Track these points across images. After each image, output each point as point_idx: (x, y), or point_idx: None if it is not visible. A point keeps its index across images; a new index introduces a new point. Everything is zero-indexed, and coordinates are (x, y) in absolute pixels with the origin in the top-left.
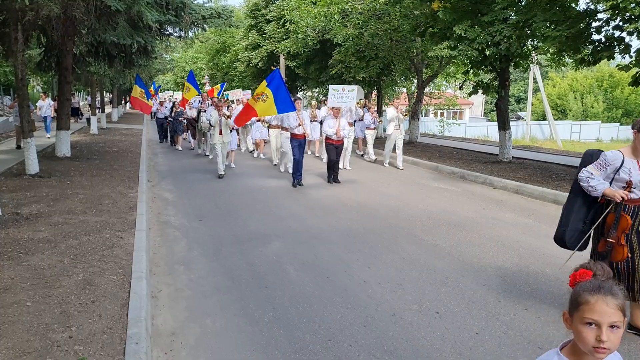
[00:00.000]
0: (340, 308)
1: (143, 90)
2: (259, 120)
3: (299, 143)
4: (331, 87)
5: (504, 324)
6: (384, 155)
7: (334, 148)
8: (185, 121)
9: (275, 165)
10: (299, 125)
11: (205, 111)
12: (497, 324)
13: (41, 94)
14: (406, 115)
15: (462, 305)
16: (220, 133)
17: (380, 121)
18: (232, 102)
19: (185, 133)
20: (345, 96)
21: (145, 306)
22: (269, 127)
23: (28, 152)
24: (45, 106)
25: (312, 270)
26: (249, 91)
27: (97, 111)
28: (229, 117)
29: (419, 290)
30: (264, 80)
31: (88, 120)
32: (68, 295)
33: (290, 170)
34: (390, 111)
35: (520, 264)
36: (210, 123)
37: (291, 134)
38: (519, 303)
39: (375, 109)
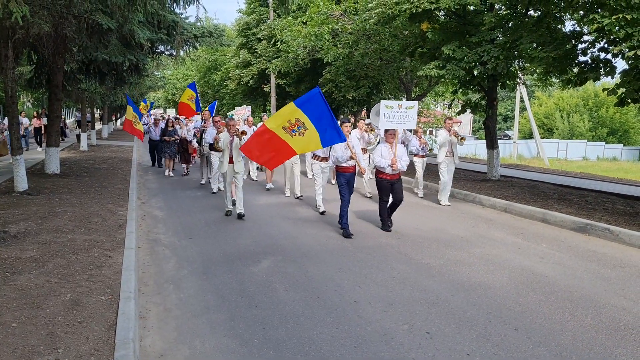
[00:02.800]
0: (331, 328)
1: (136, 115)
2: None
3: (348, 179)
4: (383, 103)
5: (494, 345)
6: (439, 191)
7: (388, 185)
8: (177, 142)
9: (287, 196)
10: (351, 158)
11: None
12: (488, 344)
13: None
14: (462, 140)
15: (453, 325)
16: (231, 161)
17: (431, 149)
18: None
19: (176, 157)
20: (402, 115)
21: (133, 327)
22: None
23: (17, 169)
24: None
25: (302, 290)
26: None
27: (87, 128)
28: (243, 134)
29: (409, 310)
30: (292, 104)
31: (78, 137)
32: (55, 316)
33: (298, 193)
34: (441, 134)
35: (510, 283)
36: (209, 146)
37: (336, 167)
38: (510, 323)
39: (421, 133)
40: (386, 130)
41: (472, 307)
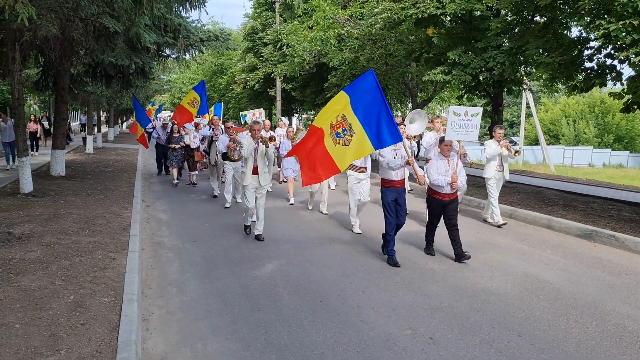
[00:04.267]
0: (334, 333)
1: (137, 123)
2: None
3: (397, 196)
4: (452, 109)
5: (498, 351)
6: (489, 209)
7: (440, 205)
8: (183, 149)
9: (310, 209)
10: (407, 163)
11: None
12: (492, 350)
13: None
14: (517, 153)
15: (456, 331)
16: (255, 172)
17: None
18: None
19: (183, 165)
20: (466, 124)
21: (135, 329)
22: None
23: (22, 171)
24: (8, 129)
25: (305, 294)
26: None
27: (93, 130)
28: (271, 140)
29: (412, 315)
30: (343, 92)
31: (84, 139)
32: (58, 318)
33: (324, 209)
34: (489, 146)
35: (514, 289)
36: (222, 155)
37: (382, 180)
38: (513, 329)
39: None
40: (440, 141)
41: (475, 312)
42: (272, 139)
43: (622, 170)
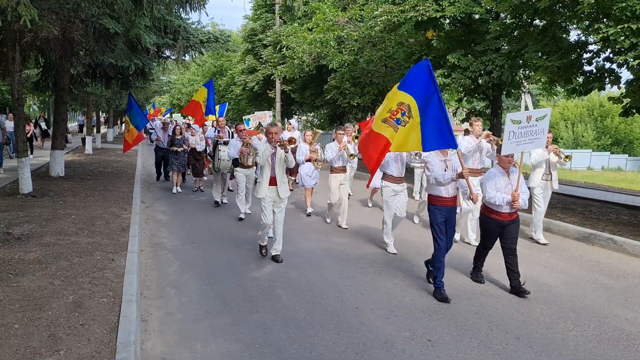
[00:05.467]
0: (332, 334)
1: (132, 126)
2: (309, 160)
3: (447, 216)
4: (509, 117)
5: (496, 354)
6: (534, 224)
7: (498, 227)
8: (186, 153)
9: (328, 222)
10: (460, 177)
11: (224, 143)
12: (490, 353)
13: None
14: (567, 159)
15: (454, 333)
16: (273, 182)
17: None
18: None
19: (186, 169)
20: (531, 130)
21: (134, 330)
22: (332, 170)
23: (22, 172)
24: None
25: (304, 295)
26: (270, 112)
27: (92, 131)
28: (290, 142)
29: (411, 318)
30: (395, 88)
31: (83, 140)
32: (57, 318)
33: (344, 223)
34: (536, 151)
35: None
36: (233, 161)
37: (430, 196)
38: (511, 332)
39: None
40: (499, 151)
41: (473, 315)
42: (291, 140)
43: (621, 173)
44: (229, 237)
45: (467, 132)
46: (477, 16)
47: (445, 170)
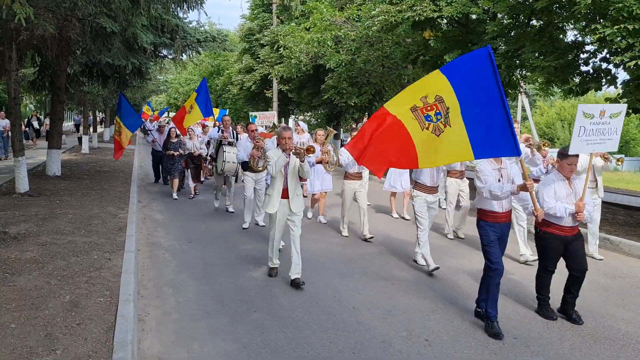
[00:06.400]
0: (330, 334)
1: (124, 127)
2: (319, 162)
3: (501, 234)
4: (581, 109)
5: (492, 353)
6: (594, 239)
7: (561, 245)
8: (184, 157)
9: (345, 236)
10: (522, 189)
11: (229, 143)
12: (486, 352)
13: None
14: (620, 161)
15: (452, 333)
16: (286, 195)
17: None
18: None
19: (183, 174)
20: (602, 129)
21: (131, 330)
22: (346, 176)
23: (18, 171)
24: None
25: (301, 295)
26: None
27: (88, 130)
28: (309, 151)
29: (408, 317)
30: (439, 75)
31: (79, 139)
32: (54, 318)
33: (367, 233)
34: (582, 156)
35: (509, 291)
36: (242, 165)
37: (480, 211)
38: (508, 332)
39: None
40: (562, 155)
41: (471, 315)
42: (310, 149)
43: (617, 173)
44: (226, 237)
45: None
46: (474, 16)
47: (499, 180)
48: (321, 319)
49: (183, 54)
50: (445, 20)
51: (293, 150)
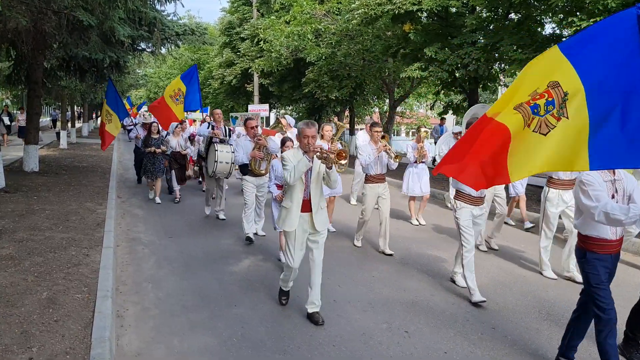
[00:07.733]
0: (310, 327)
1: (112, 112)
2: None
3: (612, 266)
4: None
5: (471, 343)
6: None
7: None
8: (168, 155)
9: (358, 246)
10: None
11: (221, 141)
12: (466, 343)
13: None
14: None
15: (431, 324)
16: (307, 208)
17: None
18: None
19: (165, 175)
20: None
21: (109, 326)
22: (367, 179)
23: None
24: None
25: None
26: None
27: (67, 125)
28: (341, 156)
29: (389, 310)
30: (557, 48)
31: (58, 134)
32: (30, 315)
33: (387, 248)
34: None
35: (489, 283)
36: (240, 168)
37: (586, 239)
38: (487, 322)
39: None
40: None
41: (451, 306)
42: (342, 154)
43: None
44: (207, 232)
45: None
46: (453, 9)
47: (613, 196)
48: (301, 313)
49: (162, 48)
50: (425, 14)
51: (318, 153)
